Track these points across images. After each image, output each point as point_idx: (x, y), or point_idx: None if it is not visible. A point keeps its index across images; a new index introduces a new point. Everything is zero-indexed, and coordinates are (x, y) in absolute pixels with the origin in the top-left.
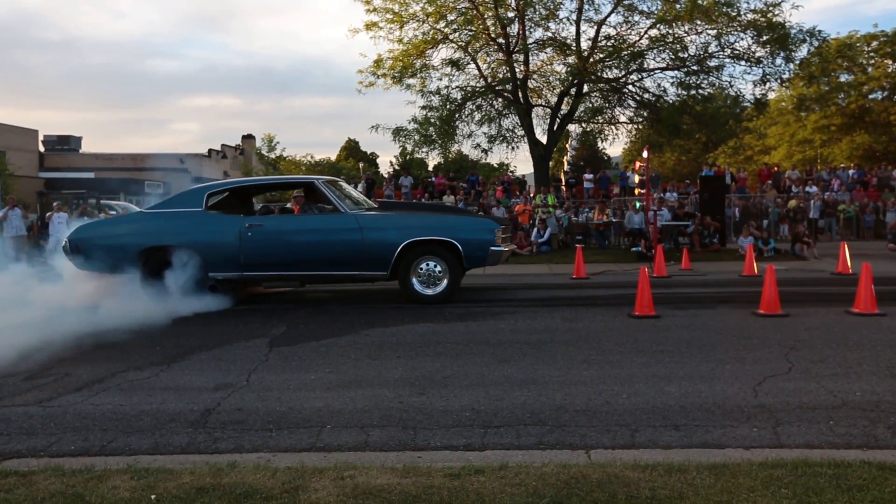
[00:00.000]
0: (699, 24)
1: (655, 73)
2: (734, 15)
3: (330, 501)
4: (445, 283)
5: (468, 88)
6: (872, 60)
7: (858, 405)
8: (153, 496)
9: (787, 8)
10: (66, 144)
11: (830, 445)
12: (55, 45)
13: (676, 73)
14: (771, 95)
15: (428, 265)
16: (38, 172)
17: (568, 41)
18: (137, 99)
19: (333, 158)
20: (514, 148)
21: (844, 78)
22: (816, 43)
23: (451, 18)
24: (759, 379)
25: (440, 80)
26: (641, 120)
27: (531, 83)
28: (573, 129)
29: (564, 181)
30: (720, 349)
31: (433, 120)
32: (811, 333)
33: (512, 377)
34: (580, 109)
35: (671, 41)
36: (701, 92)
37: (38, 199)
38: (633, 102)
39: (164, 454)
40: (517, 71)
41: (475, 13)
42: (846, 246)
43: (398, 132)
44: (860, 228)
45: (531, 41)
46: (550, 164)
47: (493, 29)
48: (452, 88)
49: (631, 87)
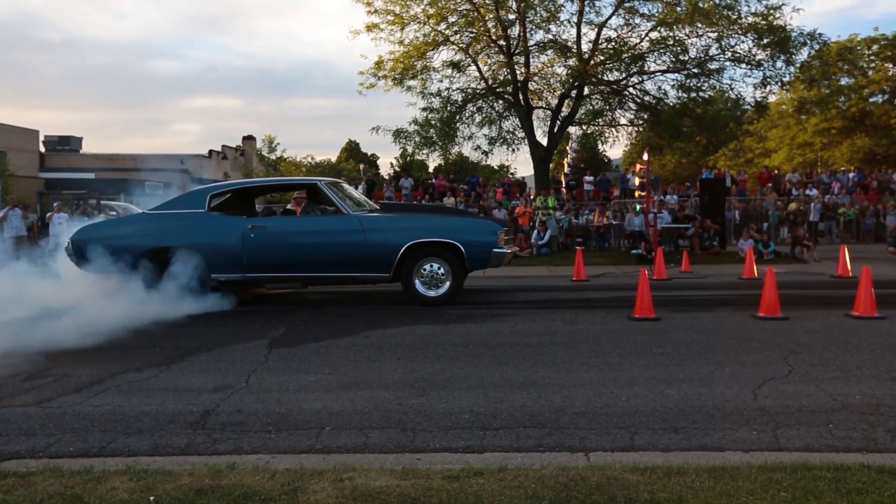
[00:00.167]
0: (700, 26)
1: (656, 75)
2: (735, 18)
3: (329, 503)
4: (448, 284)
5: (469, 90)
6: (873, 64)
7: (858, 408)
8: (152, 498)
9: (787, 11)
10: (66, 145)
11: (830, 449)
12: (56, 45)
13: (677, 75)
14: (771, 98)
15: (430, 267)
16: (38, 173)
17: (569, 43)
18: (138, 99)
19: (334, 160)
20: (514, 150)
21: (845, 81)
22: (817, 46)
23: (452, 20)
24: (758, 382)
25: (441, 81)
26: (642, 122)
27: (532, 85)
28: (573, 131)
29: (565, 183)
30: (720, 352)
31: (434, 122)
32: (811, 336)
33: (511, 379)
34: (581, 112)
35: (672, 44)
36: (701, 95)
37: (38, 199)
38: (633, 105)
39: (163, 455)
40: (518, 73)
41: (476, 15)
42: (846, 249)
43: (399, 134)
44: (860, 231)
45: (532, 43)
46: (551, 166)
47: (493, 31)
48: (453, 90)
49: (631, 89)
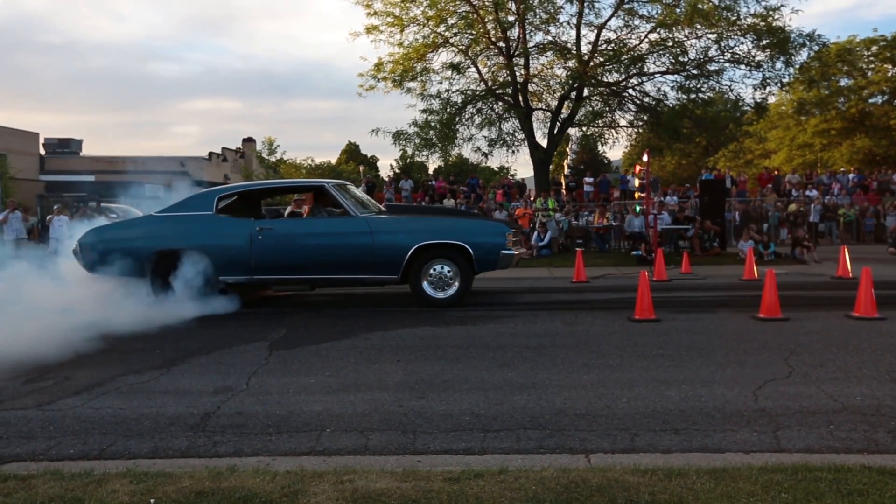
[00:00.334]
0: (699, 28)
1: (655, 76)
2: (734, 19)
3: None
4: (456, 286)
5: (468, 92)
6: (872, 65)
7: (859, 409)
8: (152, 500)
9: (786, 12)
10: (66, 147)
11: (831, 450)
12: (56, 48)
13: (676, 76)
14: (771, 99)
15: (438, 269)
16: (38, 175)
17: (568, 45)
18: (138, 102)
19: (334, 162)
20: (514, 151)
21: (844, 82)
22: (816, 47)
23: (451, 22)
24: (759, 383)
25: (440, 83)
26: (641, 124)
27: (531, 87)
28: (573, 132)
29: (565, 185)
30: (720, 353)
31: (433, 123)
32: (811, 337)
33: (512, 381)
34: (580, 113)
35: (671, 45)
36: (701, 96)
37: (38, 202)
38: (633, 106)
39: (163, 458)
40: (517, 74)
41: (476, 17)
42: (846, 250)
43: (398, 136)
44: (860, 232)
45: (531, 45)
46: (551, 167)
47: (493, 33)
48: (453, 92)
49: (631, 90)
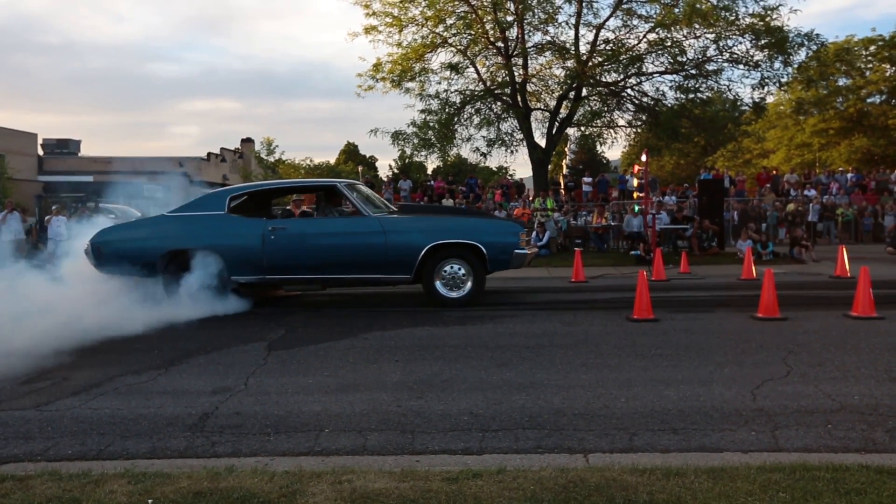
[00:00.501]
0: (698, 28)
1: (654, 76)
2: (732, 19)
3: None
4: (469, 285)
5: (467, 92)
6: (870, 64)
7: (857, 409)
8: (150, 501)
9: (785, 12)
10: (65, 148)
11: (828, 449)
12: (55, 48)
13: (675, 76)
14: (769, 99)
15: (451, 268)
16: (37, 176)
17: (567, 45)
18: (137, 102)
19: (332, 162)
20: (512, 151)
21: (843, 82)
22: (815, 47)
23: (450, 22)
24: (757, 382)
25: (439, 83)
26: (640, 124)
27: (530, 87)
28: (572, 132)
29: (563, 185)
30: (719, 353)
31: (432, 123)
32: (809, 337)
33: (510, 381)
34: (579, 113)
35: (670, 45)
36: (699, 96)
37: (36, 202)
38: (631, 106)
39: (161, 458)
40: (516, 75)
41: (474, 17)
42: (845, 249)
43: (397, 136)
44: (858, 232)
45: (530, 45)
46: (549, 167)
47: (492, 33)
48: (451, 92)
49: (629, 90)
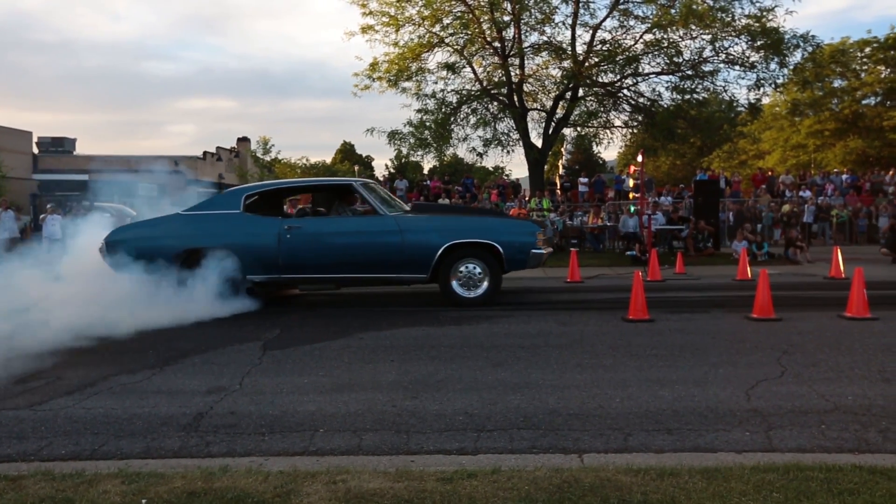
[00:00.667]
0: (694, 28)
1: (650, 77)
2: (729, 20)
3: None
4: (486, 285)
5: (464, 92)
6: (865, 66)
7: (850, 409)
8: (144, 501)
9: (781, 13)
10: (60, 146)
11: (822, 449)
12: (51, 46)
13: (671, 77)
14: (765, 100)
15: (468, 267)
16: (31, 174)
17: (563, 45)
18: (133, 101)
19: (329, 161)
20: (509, 151)
21: (838, 83)
22: (810, 48)
23: (446, 22)
24: (751, 383)
25: (436, 83)
26: (636, 124)
27: (526, 87)
28: (568, 132)
29: (559, 185)
30: (713, 353)
31: (428, 123)
32: (804, 337)
33: (506, 381)
34: (575, 113)
35: (666, 46)
36: (695, 96)
37: (31, 200)
38: (627, 107)
39: (155, 458)
40: (513, 75)
41: (471, 17)
42: (839, 250)
43: (393, 135)
44: (853, 233)
45: (527, 45)
46: (545, 167)
47: (488, 33)
48: (448, 92)
49: (626, 91)
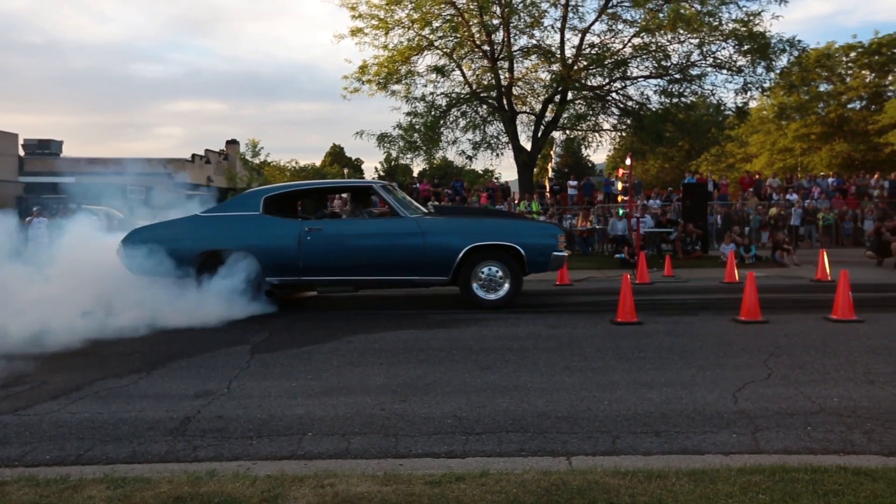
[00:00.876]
0: (682, 33)
1: (639, 81)
2: (716, 24)
3: None
4: (507, 287)
5: (453, 95)
6: (851, 71)
7: (836, 411)
8: None
9: (767, 18)
10: (46, 149)
11: (808, 451)
12: (38, 48)
13: (659, 81)
14: (752, 104)
15: (489, 270)
16: (17, 177)
17: (552, 49)
18: (121, 103)
19: (318, 164)
20: (498, 154)
21: (824, 87)
22: (796, 52)
23: (436, 25)
24: (738, 385)
25: (425, 86)
26: (625, 127)
27: (516, 90)
28: (557, 136)
29: (548, 188)
30: (701, 355)
31: (418, 126)
32: (790, 340)
33: (494, 384)
34: (564, 116)
35: (654, 50)
36: (683, 100)
37: (17, 203)
38: (616, 110)
39: (141, 463)
40: (502, 78)
41: (460, 20)
42: (825, 253)
43: (383, 138)
44: (839, 236)
45: (516, 48)
46: (535, 170)
47: (478, 36)
48: (437, 95)
49: (614, 94)
